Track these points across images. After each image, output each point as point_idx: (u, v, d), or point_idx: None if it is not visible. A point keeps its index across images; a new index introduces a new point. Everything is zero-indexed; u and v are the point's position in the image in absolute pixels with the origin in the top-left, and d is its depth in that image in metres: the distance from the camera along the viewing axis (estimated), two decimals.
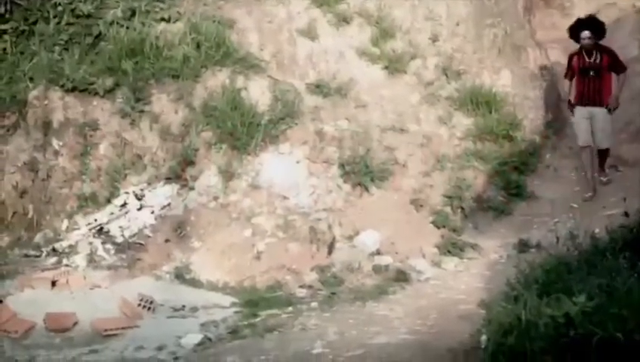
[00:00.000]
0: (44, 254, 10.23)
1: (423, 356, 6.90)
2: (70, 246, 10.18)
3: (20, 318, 8.28)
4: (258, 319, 8.42)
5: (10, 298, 8.72)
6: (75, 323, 8.25)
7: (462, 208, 10.80)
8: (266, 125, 11.03)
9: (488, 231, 10.02)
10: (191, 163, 10.79)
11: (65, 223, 10.79)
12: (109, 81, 11.46)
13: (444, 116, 11.99)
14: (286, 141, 11.04)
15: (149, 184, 10.88)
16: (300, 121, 11.26)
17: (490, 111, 12.03)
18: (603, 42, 11.18)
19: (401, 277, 9.57)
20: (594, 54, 11.01)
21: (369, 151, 11.11)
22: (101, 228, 10.33)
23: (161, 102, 11.37)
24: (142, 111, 11.31)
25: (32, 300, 8.64)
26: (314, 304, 8.87)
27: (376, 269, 9.76)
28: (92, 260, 9.84)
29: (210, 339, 7.96)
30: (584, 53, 11.06)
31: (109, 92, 11.43)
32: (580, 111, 11.13)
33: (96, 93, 11.41)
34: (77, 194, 10.99)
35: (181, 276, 9.57)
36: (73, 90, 11.41)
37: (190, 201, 10.45)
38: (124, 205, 10.65)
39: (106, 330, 8.14)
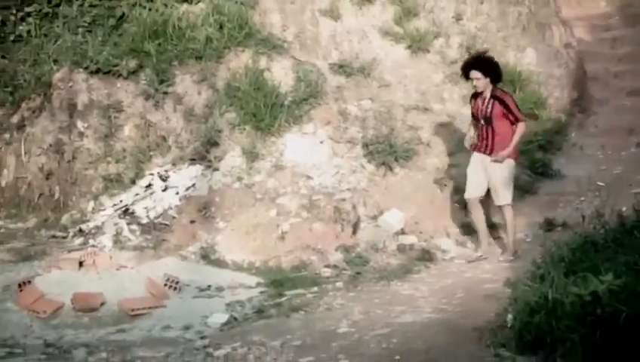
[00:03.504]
0: (70, 235, 10.32)
1: (448, 335, 6.90)
2: (96, 227, 10.24)
3: (48, 298, 8.35)
4: (283, 299, 8.45)
5: (38, 278, 8.78)
6: (103, 303, 8.31)
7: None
8: (289, 106, 11.03)
9: (513, 210, 9.93)
10: (215, 144, 10.82)
11: (91, 204, 10.88)
12: (133, 63, 11.50)
13: (468, 95, 11.89)
14: (309, 121, 11.03)
15: (174, 165, 10.92)
16: (324, 101, 11.25)
17: (515, 89, 11.94)
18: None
19: (426, 256, 9.59)
20: (485, 101, 9.38)
21: (393, 131, 11.08)
22: (126, 209, 10.38)
23: (185, 83, 11.40)
24: (165, 93, 11.35)
25: (60, 280, 8.69)
26: (339, 283, 8.89)
27: (401, 249, 9.77)
28: (118, 241, 9.89)
29: (236, 319, 8.01)
30: (479, 97, 9.48)
31: (133, 73, 11.48)
32: (474, 158, 9.57)
33: (120, 75, 11.46)
34: (102, 176, 11.07)
35: (206, 256, 9.61)
36: (97, 71, 11.46)
37: (214, 182, 10.47)
38: (149, 186, 10.70)
39: (133, 310, 8.20)
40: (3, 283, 8.85)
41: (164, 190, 10.56)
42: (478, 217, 9.56)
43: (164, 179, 10.72)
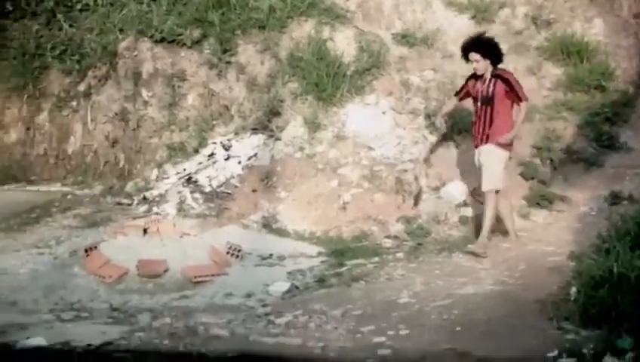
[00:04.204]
0: (135, 202, 10.47)
1: (509, 307, 6.88)
2: (160, 195, 10.37)
3: (113, 264, 8.50)
4: (344, 268, 8.48)
5: (103, 244, 8.94)
6: (166, 270, 8.43)
7: (551, 159, 10.58)
8: (351, 76, 10.99)
9: (578, 182, 9.82)
10: (277, 113, 10.84)
11: (155, 172, 11.02)
12: (197, 32, 11.57)
13: (533, 66, 11.72)
14: (372, 92, 10.99)
15: (236, 134, 10.99)
16: (386, 72, 11.18)
17: (582, 60, 11.71)
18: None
19: None
20: (485, 81, 8.92)
21: None
22: (190, 178, 10.49)
23: (248, 52, 11.43)
24: (228, 62, 11.40)
25: (125, 247, 8.84)
26: (400, 254, 8.89)
27: (463, 220, 9.71)
28: (181, 209, 10.00)
29: (297, 287, 8.07)
30: (478, 79, 9.01)
31: (197, 43, 11.56)
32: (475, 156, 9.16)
33: (184, 44, 11.54)
34: (166, 144, 11.20)
35: (268, 225, 9.68)
36: (161, 40, 11.56)
37: (276, 152, 10.51)
38: (211, 155, 10.79)
39: (196, 277, 8.30)
40: (70, 249, 9.04)
41: (226, 159, 10.64)
42: (489, 210, 8.81)
43: (226, 148, 10.79)
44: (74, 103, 12.15)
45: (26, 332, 6.77)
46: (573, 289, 6.48)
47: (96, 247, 8.81)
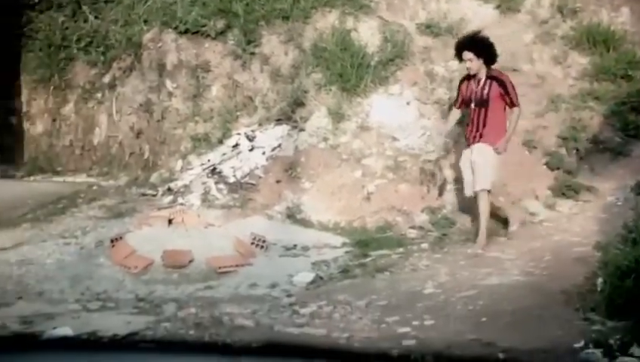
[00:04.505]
0: (159, 193, 10.51)
1: (535, 297, 6.85)
2: (184, 185, 10.41)
3: (139, 254, 8.55)
4: (369, 259, 8.48)
5: (129, 235, 8.99)
6: (191, 261, 8.47)
7: (577, 149, 10.51)
8: (375, 66, 10.97)
9: (604, 172, 9.74)
10: (301, 104, 10.85)
11: (179, 163, 11.06)
12: (221, 23, 11.58)
13: (559, 55, 11.63)
14: (396, 82, 10.96)
15: (260, 125, 11.00)
16: (410, 62, 11.15)
17: (608, 49, 11.60)
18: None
19: None
20: (480, 82, 8.75)
21: None
22: (214, 169, 10.52)
23: (272, 43, 11.43)
24: (253, 53, 11.40)
25: (150, 237, 8.89)
26: (424, 245, 8.87)
27: None
28: (206, 199, 10.03)
29: (321, 278, 8.08)
30: (472, 80, 8.83)
31: (221, 34, 11.57)
32: (465, 155, 8.98)
33: (208, 35, 11.56)
34: (190, 135, 11.23)
35: (292, 216, 9.69)
36: (186, 32, 11.58)
37: (300, 142, 10.52)
38: (235, 146, 10.81)
39: (220, 268, 8.34)
40: (96, 239, 9.10)
41: (250, 150, 10.65)
42: (484, 209, 8.69)
43: (250, 139, 10.81)
44: (99, 95, 12.22)
45: (52, 322, 6.83)
46: (600, 280, 6.43)
47: (121, 238, 8.86)
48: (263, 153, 10.57)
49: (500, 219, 9.07)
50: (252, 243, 8.84)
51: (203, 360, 2.25)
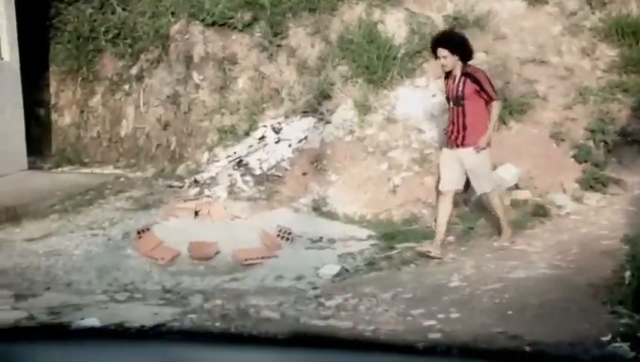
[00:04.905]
0: (186, 185, 10.56)
1: (562, 290, 6.80)
2: (211, 177, 10.45)
3: (165, 246, 8.60)
4: (394, 252, 8.47)
5: (156, 226, 9.06)
6: (217, 252, 8.50)
7: (605, 142, 10.41)
8: (402, 59, 10.94)
9: (633, 166, 9.64)
10: (327, 97, 10.85)
11: (205, 155, 11.11)
12: (248, 15, 11.60)
13: (587, 47, 11.52)
14: (422, 74, 10.93)
15: (287, 117, 11.02)
16: None
17: (637, 41, 11.46)
18: None
19: (541, 211, 9.38)
20: (455, 80, 8.42)
21: (508, 84, 10.84)
22: (240, 161, 10.55)
23: (298, 36, 11.43)
24: (279, 46, 11.42)
25: (177, 229, 8.95)
26: (450, 238, 8.83)
27: (515, 204, 9.60)
28: (232, 192, 10.07)
29: (347, 271, 8.08)
30: (449, 77, 8.55)
31: (248, 26, 11.59)
32: (444, 154, 8.73)
33: (235, 28, 11.59)
34: (217, 127, 11.28)
35: (318, 208, 9.70)
36: (213, 24, 11.63)
37: (327, 135, 10.52)
38: (262, 138, 10.83)
39: (246, 260, 8.36)
40: (123, 231, 9.17)
41: (277, 142, 10.67)
42: (445, 212, 8.45)
43: (277, 131, 10.83)
44: (127, 86, 12.30)
45: (80, 313, 6.88)
46: (627, 273, 6.38)
47: (148, 229, 8.92)
48: (289, 145, 10.58)
49: (496, 224, 8.91)
50: (278, 236, 8.87)
51: (229, 352, 2.26)
